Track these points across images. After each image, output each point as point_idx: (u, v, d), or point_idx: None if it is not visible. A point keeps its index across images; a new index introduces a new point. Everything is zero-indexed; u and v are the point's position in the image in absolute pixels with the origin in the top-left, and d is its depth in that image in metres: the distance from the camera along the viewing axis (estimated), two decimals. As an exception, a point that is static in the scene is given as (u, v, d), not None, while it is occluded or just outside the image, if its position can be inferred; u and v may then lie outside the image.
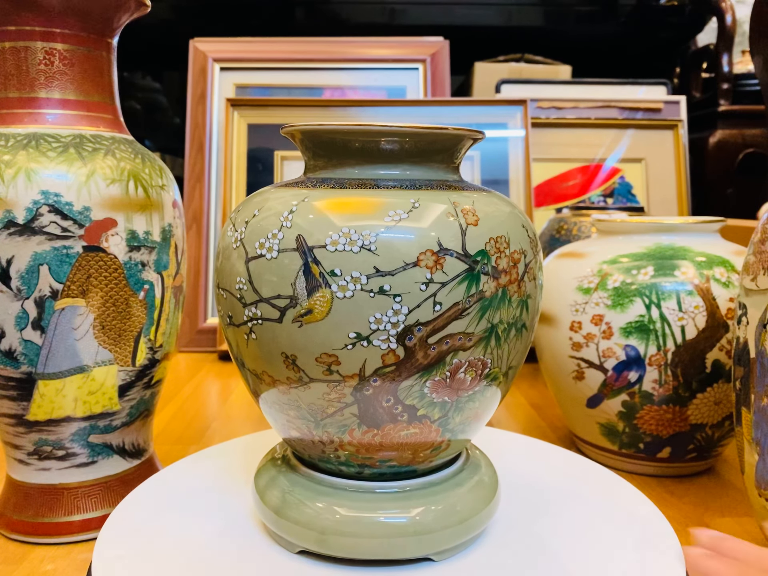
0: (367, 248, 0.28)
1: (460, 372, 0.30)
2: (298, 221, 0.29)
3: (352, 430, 0.31)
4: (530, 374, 0.79)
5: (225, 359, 0.87)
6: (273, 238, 0.29)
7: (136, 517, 0.36)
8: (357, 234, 0.28)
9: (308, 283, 0.29)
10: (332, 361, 0.29)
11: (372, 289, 0.28)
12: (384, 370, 0.29)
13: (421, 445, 0.32)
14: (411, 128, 0.30)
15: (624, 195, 1.08)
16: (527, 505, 0.38)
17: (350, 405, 0.30)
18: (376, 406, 0.30)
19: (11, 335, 0.37)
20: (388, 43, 1.05)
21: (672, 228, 0.50)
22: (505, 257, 0.30)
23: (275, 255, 0.29)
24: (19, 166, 0.36)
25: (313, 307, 0.29)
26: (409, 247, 0.28)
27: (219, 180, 0.97)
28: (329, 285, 0.28)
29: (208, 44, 1.01)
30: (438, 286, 0.28)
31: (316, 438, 0.32)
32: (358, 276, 0.28)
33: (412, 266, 0.28)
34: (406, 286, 0.28)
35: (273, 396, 0.32)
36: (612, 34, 1.32)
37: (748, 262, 0.36)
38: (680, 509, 0.45)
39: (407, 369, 0.29)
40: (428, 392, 0.30)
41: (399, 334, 0.28)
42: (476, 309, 0.29)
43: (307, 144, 0.33)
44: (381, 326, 0.28)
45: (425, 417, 0.31)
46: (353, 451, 0.32)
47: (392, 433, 0.31)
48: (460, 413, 0.32)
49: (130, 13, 0.41)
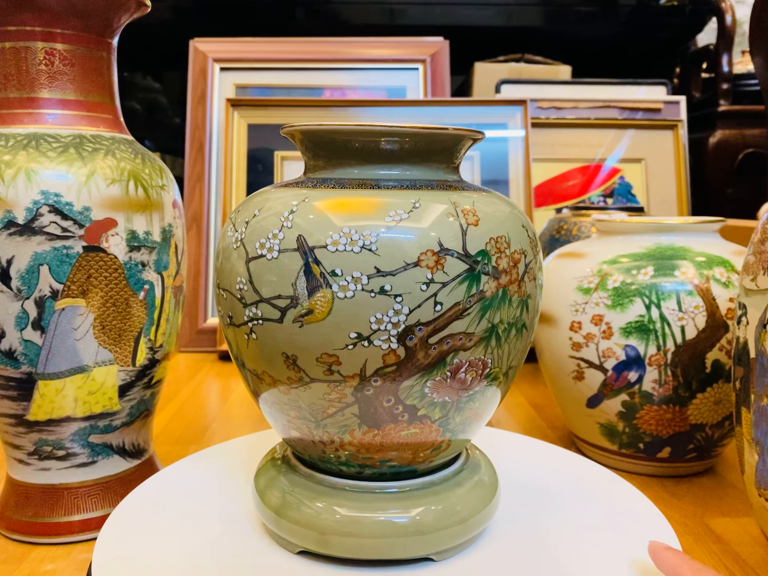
0: (367, 248, 0.28)
1: (461, 372, 0.30)
2: (299, 221, 0.29)
3: (353, 430, 0.31)
4: (530, 374, 0.79)
5: (225, 359, 0.87)
6: (273, 239, 0.29)
7: (136, 517, 0.36)
8: (358, 234, 0.28)
9: (309, 283, 0.28)
10: (333, 361, 0.29)
11: (373, 290, 0.28)
12: (385, 370, 0.29)
13: (421, 445, 0.32)
14: (411, 128, 0.30)
15: (624, 195, 1.08)
16: (527, 505, 0.38)
17: (351, 405, 0.30)
18: (376, 406, 0.30)
19: (11, 335, 0.37)
20: (388, 43, 1.05)
21: (672, 228, 0.50)
22: (505, 257, 0.30)
23: (276, 255, 0.29)
24: (19, 166, 0.36)
25: (313, 307, 0.29)
26: (410, 247, 0.28)
27: (219, 180, 0.97)
28: (330, 285, 0.28)
29: (208, 44, 1.01)
30: (439, 286, 0.28)
31: (316, 438, 0.32)
32: (359, 276, 0.28)
33: (413, 266, 0.28)
34: (407, 286, 0.28)
35: (273, 396, 0.32)
36: (612, 34, 1.32)
37: (748, 262, 0.36)
38: (680, 509, 0.45)
39: (408, 369, 0.29)
40: (429, 392, 0.30)
41: (400, 334, 0.28)
42: (477, 309, 0.29)
43: (307, 144, 0.33)
44: (382, 326, 0.28)
45: (426, 417, 0.31)
46: (353, 452, 0.32)
47: (393, 433, 0.31)
48: (460, 413, 0.32)
49: (131, 14, 0.41)
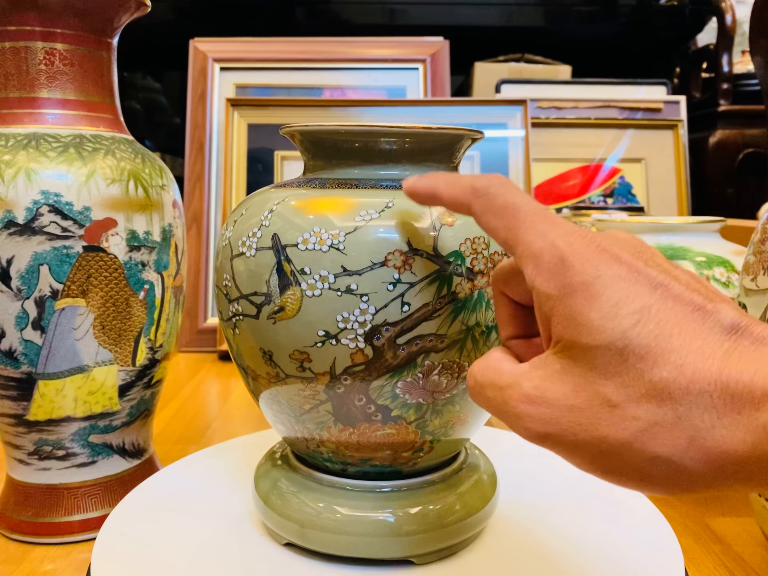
0: (335, 247, 0.28)
1: (434, 374, 0.30)
2: (276, 220, 0.30)
3: (329, 427, 0.31)
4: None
5: (225, 359, 0.87)
6: (253, 237, 0.30)
7: (136, 517, 0.36)
8: (327, 233, 0.28)
9: (281, 281, 0.29)
10: (304, 359, 0.30)
11: (339, 288, 0.28)
12: (353, 369, 0.29)
13: (400, 445, 0.32)
14: (410, 128, 0.30)
15: (624, 195, 1.08)
16: (526, 505, 0.38)
17: (324, 402, 0.31)
18: (349, 404, 0.30)
19: (11, 335, 0.37)
20: (388, 43, 1.05)
21: (672, 228, 0.50)
22: (483, 258, 0.29)
23: (254, 253, 0.30)
24: (19, 166, 0.36)
25: (285, 304, 0.29)
26: (377, 246, 0.28)
27: (219, 180, 0.97)
28: (299, 283, 0.29)
29: (208, 44, 1.01)
30: (406, 287, 0.28)
31: (298, 434, 0.33)
32: (326, 275, 0.28)
33: (380, 266, 0.28)
34: (373, 285, 0.28)
35: (258, 390, 0.33)
36: (612, 34, 1.32)
37: (748, 262, 0.36)
38: (680, 509, 0.45)
39: (377, 369, 0.29)
40: (400, 393, 0.30)
41: (366, 334, 0.28)
42: (449, 310, 0.29)
43: (306, 144, 0.33)
44: (348, 325, 0.28)
45: (400, 418, 0.31)
46: (333, 449, 0.32)
47: (368, 432, 0.31)
48: (438, 416, 0.31)
49: (130, 13, 0.41)
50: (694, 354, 0.18)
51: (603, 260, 0.20)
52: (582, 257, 0.20)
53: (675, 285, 0.19)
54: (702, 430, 0.17)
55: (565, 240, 0.20)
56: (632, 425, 0.18)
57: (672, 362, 0.18)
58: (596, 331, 0.19)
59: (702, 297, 0.19)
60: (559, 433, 0.20)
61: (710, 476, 0.18)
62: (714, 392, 0.17)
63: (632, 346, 0.18)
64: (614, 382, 0.19)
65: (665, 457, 0.18)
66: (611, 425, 0.19)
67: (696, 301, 0.19)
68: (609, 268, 0.20)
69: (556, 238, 0.21)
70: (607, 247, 0.20)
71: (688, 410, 0.18)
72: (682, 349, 0.18)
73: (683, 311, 0.19)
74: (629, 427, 0.18)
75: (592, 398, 0.19)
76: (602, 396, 0.19)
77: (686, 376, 0.18)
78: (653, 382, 0.18)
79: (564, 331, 0.20)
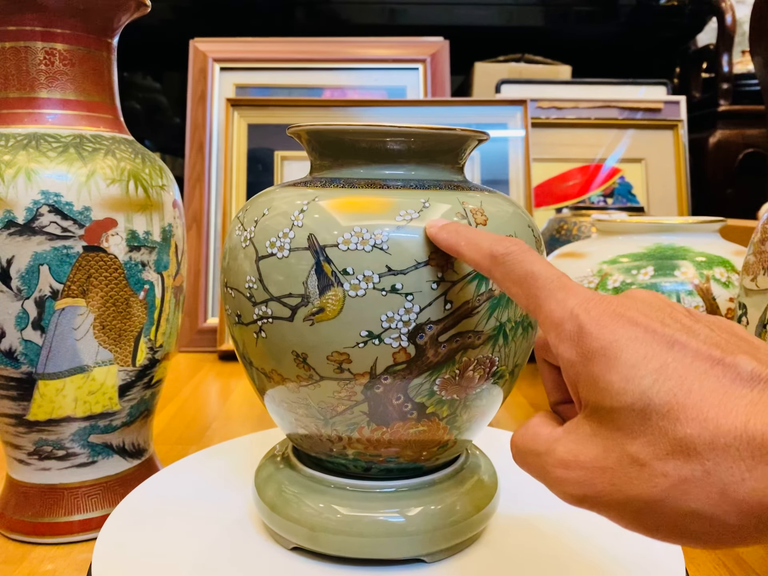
0: (378, 247, 0.28)
1: (469, 370, 0.30)
2: (309, 220, 0.29)
3: (362, 428, 0.31)
4: (530, 374, 0.79)
5: (225, 359, 0.87)
6: (284, 237, 0.30)
7: (136, 517, 0.36)
8: (369, 233, 0.28)
9: (320, 281, 0.29)
10: (343, 360, 0.29)
11: (384, 288, 0.28)
12: (395, 368, 0.29)
13: (428, 442, 0.32)
14: (418, 129, 0.30)
15: (624, 195, 1.08)
16: (526, 505, 0.38)
17: (360, 403, 0.30)
18: (386, 403, 0.30)
19: (11, 335, 0.37)
20: (388, 43, 1.05)
21: (672, 228, 0.50)
22: None
23: (286, 254, 0.29)
24: (20, 166, 0.36)
25: (325, 305, 0.29)
26: (421, 246, 0.28)
27: (219, 180, 0.97)
28: (341, 284, 0.28)
29: (208, 44, 1.01)
30: (449, 285, 0.29)
31: (324, 436, 0.32)
32: (370, 275, 0.28)
33: (424, 265, 0.28)
34: (418, 284, 0.28)
35: (281, 394, 0.32)
36: (612, 34, 1.32)
37: (748, 262, 0.36)
38: (680, 509, 0.45)
39: (418, 367, 0.29)
40: (437, 390, 0.30)
41: (410, 333, 0.29)
42: (486, 308, 0.29)
43: (314, 144, 0.33)
44: (392, 324, 0.28)
45: (434, 414, 0.31)
46: (361, 449, 0.32)
47: (401, 431, 0.31)
48: (467, 411, 0.32)
49: (130, 13, 0.41)
50: (716, 408, 0.18)
51: (619, 324, 0.21)
52: (599, 323, 0.21)
53: (692, 341, 0.20)
54: (732, 483, 0.18)
55: (583, 307, 0.21)
56: (662, 482, 0.19)
57: (694, 418, 0.18)
58: (617, 394, 0.19)
59: (720, 350, 0.19)
60: (595, 494, 0.20)
61: (747, 528, 0.18)
62: (740, 446, 0.17)
63: (653, 405, 0.19)
64: (640, 442, 0.19)
65: (699, 511, 0.18)
66: (642, 483, 0.19)
67: (714, 356, 0.19)
68: (625, 332, 0.20)
69: (574, 306, 0.22)
70: (623, 312, 0.21)
71: (716, 465, 0.18)
72: (704, 404, 0.18)
73: (702, 366, 0.19)
74: (659, 484, 0.19)
75: (622, 458, 0.19)
76: (630, 456, 0.19)
77: (710, 430, 0.18)
78: (678, 438, 0.18)
79: (589, 396, 0.21)
